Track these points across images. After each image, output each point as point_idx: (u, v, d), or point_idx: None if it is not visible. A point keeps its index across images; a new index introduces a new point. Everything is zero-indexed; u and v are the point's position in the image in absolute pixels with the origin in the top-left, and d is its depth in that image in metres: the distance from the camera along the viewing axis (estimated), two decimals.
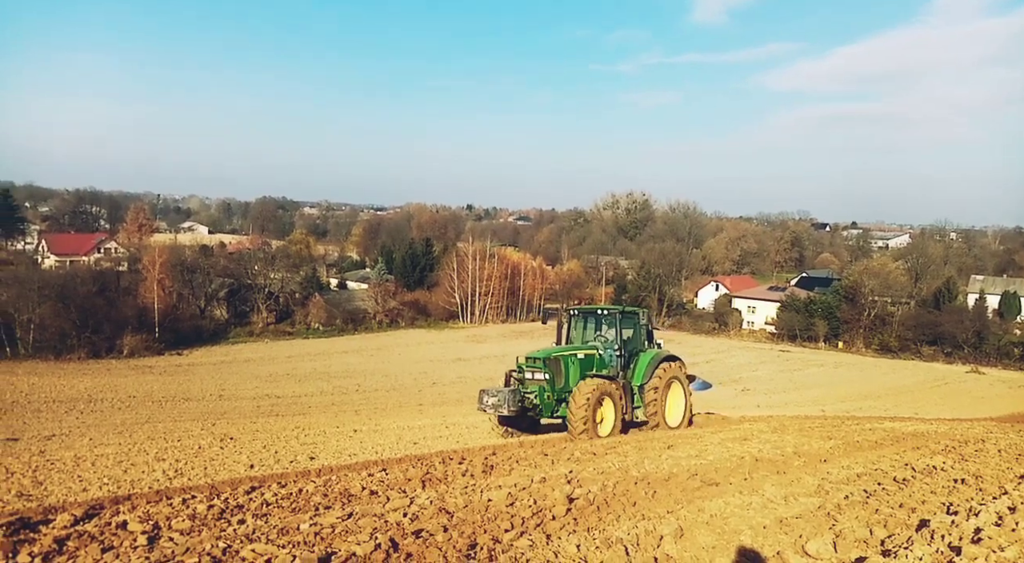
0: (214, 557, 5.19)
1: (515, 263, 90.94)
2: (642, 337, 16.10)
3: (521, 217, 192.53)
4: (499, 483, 7.88)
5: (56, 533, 5.98)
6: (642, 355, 15.43)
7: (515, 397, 13.85)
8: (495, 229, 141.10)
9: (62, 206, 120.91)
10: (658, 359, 15.43)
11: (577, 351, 14.75)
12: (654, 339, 16.41)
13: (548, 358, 14.24)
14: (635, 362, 15.32)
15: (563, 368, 14.29)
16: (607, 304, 26.41)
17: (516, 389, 14.05)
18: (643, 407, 15.01)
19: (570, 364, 14.41)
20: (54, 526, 6.34)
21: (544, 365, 14.14)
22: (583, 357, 14.64)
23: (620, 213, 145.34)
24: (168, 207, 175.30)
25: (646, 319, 16.36)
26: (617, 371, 14.99)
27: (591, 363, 14.74)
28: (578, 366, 14.47)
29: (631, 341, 15.74)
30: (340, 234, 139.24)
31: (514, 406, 13.78)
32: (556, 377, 14.16)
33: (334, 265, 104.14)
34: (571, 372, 14.31)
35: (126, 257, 78.93)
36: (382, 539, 5.48)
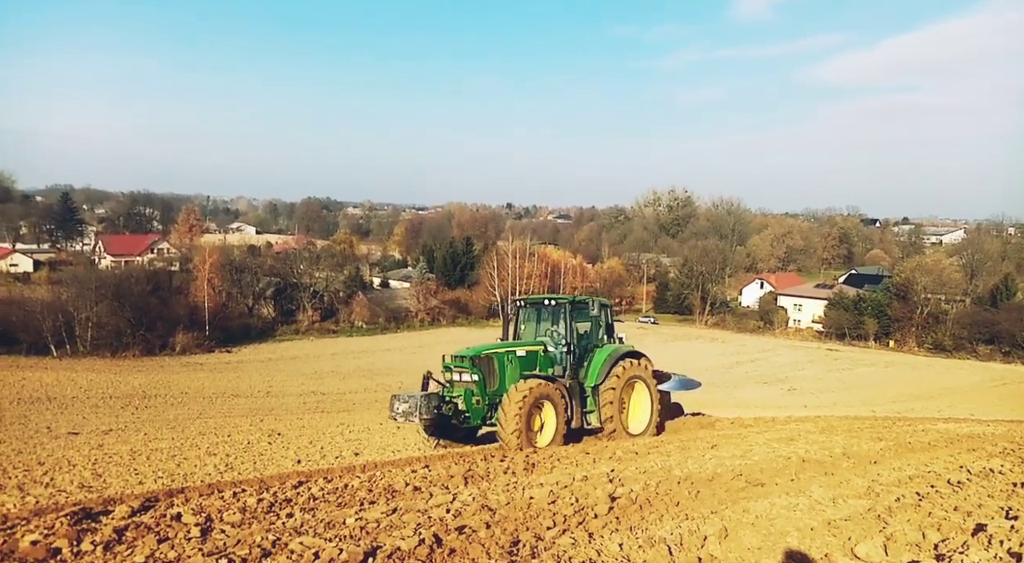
0: (264, 549, 5.32)
1: (555, 261, 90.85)
2: (599, 331, 14.23)
3: (561, 215, 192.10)
4: (541, 481, 7.90)
5: (115, 523, 6.22)
6: (597, 352, 13.52)
7: (429, 403, 11.81)
8: (535, 227, 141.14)
9: (118, 208, 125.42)
10: (615, 356, 13.41)
11: (517, 348, 12.97)
12: (615, 333, 14.47)
13: (477, 356, 12.43)
14: (589, 360, 13.42)
15: (497, 368, 12.48)
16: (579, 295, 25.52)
17: (431, 393, 12.12)
18: (597, 411, 13.03)
19: (506, 363, 12.58)
20: (113, 517, 6.60)
21: (472, 365, 12.33)
22: (524, 355, 12.85)
23: (662, 210, 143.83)
24: (217, 208, 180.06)
25: (598, 309, 14.12)
26: (565, 371, 13.16)
27: (533, 361, 12.95)
28: (517, 365, 12.64)
29: (586, 336, 13.96)
30: (382, 234, 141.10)
31: (428, 413, 11.77)
32: (488, 378, 12.37)
33: (377, 264, 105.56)
34: (507, 372, 12.50)
35: (178, 257, 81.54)
36: (426, 534, 5.55)
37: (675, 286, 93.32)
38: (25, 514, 7.17)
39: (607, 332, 14.33)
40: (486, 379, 12.33)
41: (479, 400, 12.22)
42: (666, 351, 65.60)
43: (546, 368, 13.02)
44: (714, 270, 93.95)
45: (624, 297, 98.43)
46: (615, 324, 14.86)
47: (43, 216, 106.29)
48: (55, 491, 10.47)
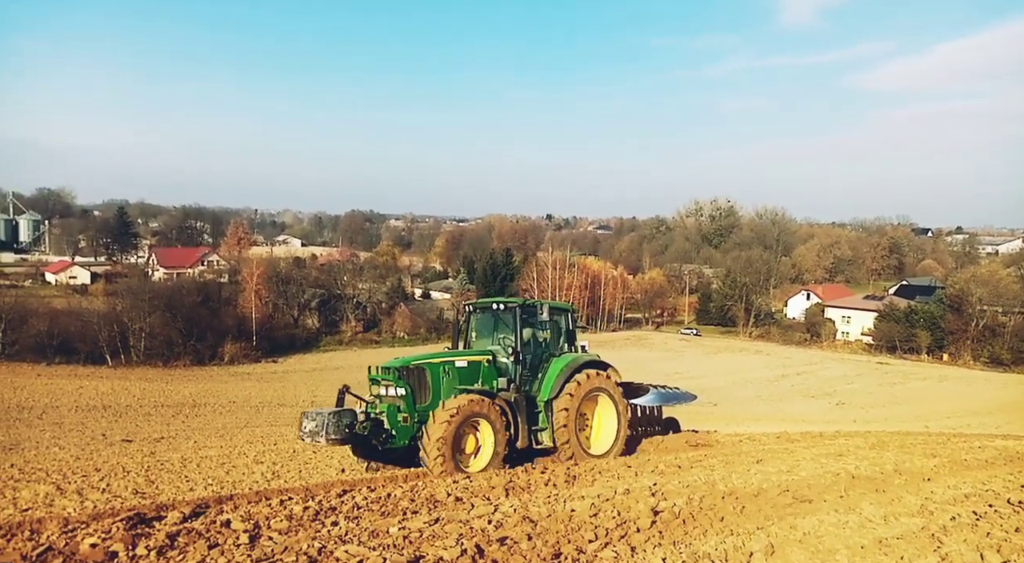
0: (310, 557, 5.42)
1: (595, 272, 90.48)
2: (559, 339, 12.88)
3: (601, 226, 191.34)
4: (582, 493, 7.87)
5: (168, 529, 6.42)
6: (554, 362, 12.09)
7: (339, 421, 10.26)
8: (575, 238, 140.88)
9: (170, 222, 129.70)
10: (573, 366, 11.94)
11: (457, 357, 11.64)
12: (575, 341, 13.05)
13: (405, 367, 11.08)
14: (543, 371, 12.00)
15: (430, 380, 11.10)
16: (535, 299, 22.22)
17: (344, 410, 10.62)
18: (550, 429, 11.58)
19: (441, 375, 11.19)
20: (166, 522, 6.81)
21: (398, 377, 10.92)
22: (465, 365, 11.50)
23: (704, 220, 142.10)
24: (264, 222, 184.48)
25: (555, 315, 12.68)
26: (512, 383, 11.72)
27: (476, 373, 11.57)
28: (455, 377, 11.28)
29: (542, 344, 12.54)
30: (424, 245, 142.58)
31: (336, 433, 10.20)
32: (418, 392, 10.99)
33: (418, 275, 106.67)
34: (443, 386, 11.11)
35: (227, 269, 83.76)
36: (468, 545, 5.59)
37: (718, 297, 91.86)
38: (84, 518, 7.45)
39: (568, 340, 12.87)
40: (416, 393, 10.93)
41: (407, 417, 10.73)
42: (709, 364, 64.64)
43: (491, 381, 11.59)
44: (758, 281, 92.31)
45: (666, 308, 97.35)
46: (577, 331, 13.31)
47: (100, 230, 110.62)
48: (111, 496, 10.86)
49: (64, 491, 11.34)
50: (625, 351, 71.85)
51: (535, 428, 11.58)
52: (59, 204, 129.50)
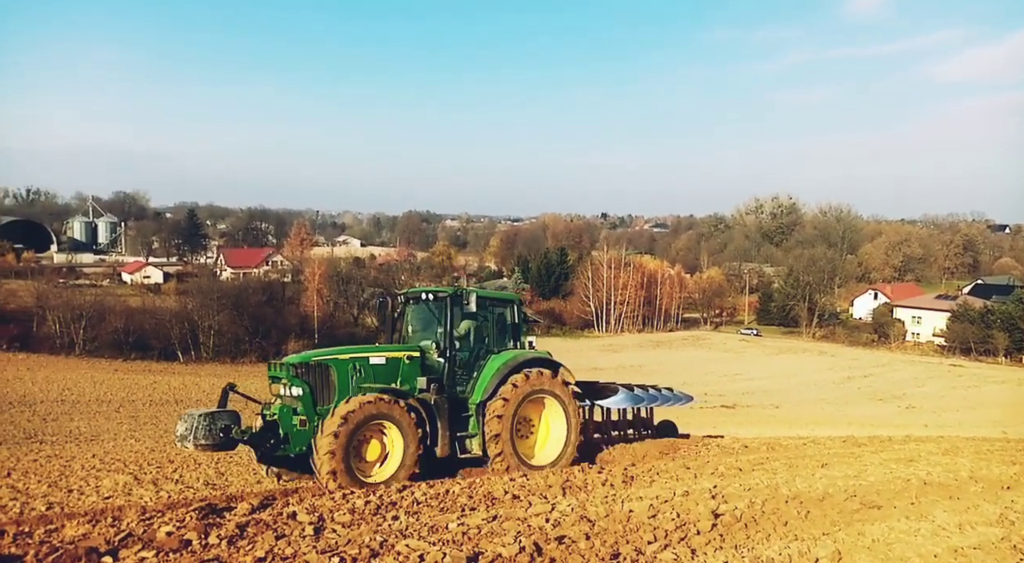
0: (373, 550, 5.55)
1: (651, 272, 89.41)
2: (503, 334, 11.50)
3: (657, 224, 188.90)
4: (640, 494, 7.81)
5: (238, 519, 6.68)
6: (491, 360, 10.84)
7: (212, 424, 9.05)
8: (630, 237, 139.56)
9: (237, 223, 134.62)
10: (512, 364, 10.63)
11: (371, 353, 10.42)
12: (522, 336, 11.66)
13: (305, 364, 9.90)
14: (478, 370, 10.80)
15: (336, 379, 9.87)
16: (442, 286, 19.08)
17: (220, 411, 9.38)
18: (480, 435, 10.37)
19: (349, 373, 9.96)
20: (235, 513, 7.09)
21: (294, 375, 9.70)
22: (382, 362, 10.24)
23: (764, 218, 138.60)
24: (325, 223, 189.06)
25: (486, 305, 11.28)
26: (433, 384, 10.33)
27: (394, 371, 10.30)
28: (368, 376, 10.06)
29: (483, 339, 11.24)
30: (479, 245, 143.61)
31: (208, 438, 9.00)
32: (320, 392, 9.74)
33: (473, 275, 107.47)
34: (352, 385, 9.90)
35: (290, 269, 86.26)
36: (526, 543, 5.62)
37: (779, 297, 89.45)
38: (160, 507, 7.82)
39: (513, 335, 11.52)
40: (316, 394, 9.69)
41: (304, 421, 9.44)
42: (771, 365, 63.04)
43: (411, 380, 10.29)
44: (822, 280, 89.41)
45: (724, 308, 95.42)
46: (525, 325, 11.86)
47: (172, 231, 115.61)
48: (184, 487, 11.37)
49: (141, 481, 11.94)
50: (682, 351, 70.77)
51: (462, 434, 10.31)
52: (134, 207, 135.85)
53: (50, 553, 5.53)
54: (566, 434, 11.07)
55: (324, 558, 5.28)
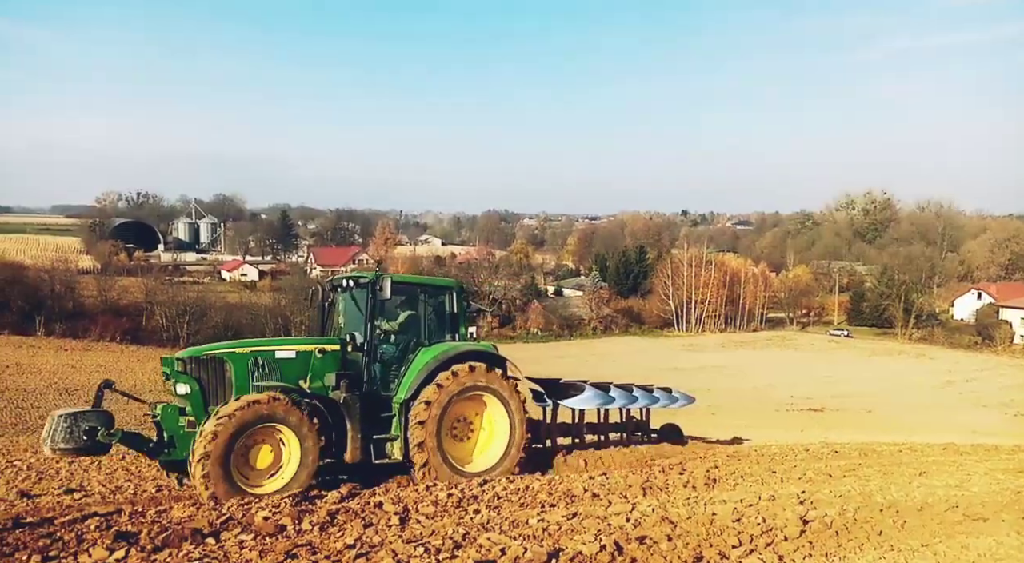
0: (455, 541, 5.69)
1: (734, 270, 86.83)
2: (442, 325, 10.32)
3: (741, 221, 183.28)
4: (723, 497, 7.65)
5: (328, 507, 6.99)
6: (421, 353, 9.73)
7: (73, 425, 8.05)
8: (712, 235, 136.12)
9: (326, 223, 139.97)
10: (443, 358, 9.52)
11: (278, 346, 9.40)
12: (460, 327, 10.43)
13: (195, 359, 8.82)
14: (406, 365, 9.74)
15: (232, 375, 8.80)
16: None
17: (87, 412, 8.31)
18: (402, 438, 9.24)
19: (247, 368, 8.88)
20: (326, 501, 7.42)
21: (180, 371, 8.68)
22: (290, 356, 9.18)
23: (856, 214, 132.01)
24: (408, 222, 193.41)
25: (431, 294, 10.25)
26: (344, 380, 9.16)
27: (305, 366, 9.21)
28: (273, 372, 8.99)
29: (420, 331, 10.07)
30: (556, 243, 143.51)
31: (68, 441, 8.02)
32: (212, 391, 8.72)
33: (551, 273, 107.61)
34: (253, 382, 8.82)
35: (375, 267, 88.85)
36: (606, 541, 5.62)
37: (872, 297, 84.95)
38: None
39: (451, 327, 10.35)
40: (207, 392, 8.68)
41: (192, 422, 8.45)
42: (863, 367, 60.06)
43: (321, 376, 9.21)
44: (919, 279, 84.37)
45: (812, 308, 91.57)
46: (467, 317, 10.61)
47: (266, 231, 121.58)
48: None
49: None
50: (767, 352, 68.45)
51: (380, 437, 9.18)
52: (232, 209, 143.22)
53: (160, 532, 5.95)
54: (508, 437, 9.85)
55: (410, 548, 5.45)
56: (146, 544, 5.60)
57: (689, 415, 30.20)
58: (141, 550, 5.43)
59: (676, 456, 11.92)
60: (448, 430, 9.61)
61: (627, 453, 11.57)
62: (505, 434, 9.86)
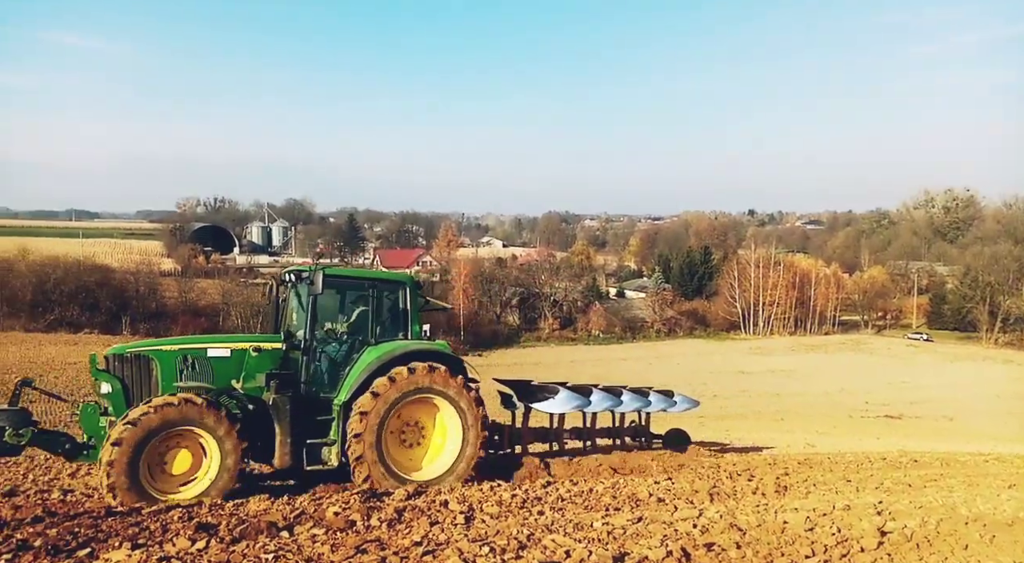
0: (520, 542, 5.72)
1: (804, 271, 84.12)
2: (395, 323, 9.65)
3: (811, 221, 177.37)
4: (795, 505, 7.41)
5: (396, 504, 7.14)
6: (367, 352, 9.14)
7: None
8: (781, 235, 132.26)
9: (391, 226, 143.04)
10: (387, 358, 8.95)
11: (211, 344, 8.88)
12: (412, 325, 9.65)
13: (119, 356, 8.45)
14: (351, 365, 9.16)
15: (157, 374, 8.44)
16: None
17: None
18: (339, 443, 8.75)
19: (175, 367, 8.51)
20: (394, 498, 7.58)
21: (101, 370, 8.39)
22: (224, 355, 8.72)
23: (936, 212, 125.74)
24: (470, 224, 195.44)
25: (379, 290, 9.55)
26: (273, 380, 8.68)
27: (238, 364, 8.76)
28: (206, 370, 8.61)
29: (369, 328, 9.36)
30: (618, 244, 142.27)
31: None
32: (138, 389, 8.37)
33: (613, 274, 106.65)
34: (182, 382, 8.47)
35: (438, 269, 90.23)
36: (673, 547, 5.54)
37: (954, 299, 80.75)
38: (329, 490, 8.53)
39: (403, 324, 9.64)
40: (131, 392, 8.34)
41: (112, 422, 7.99)
42: (944, 373, 57.16)
43: (255, 376, 8.74)
44: (1006, 280, 79.55)
45: (888, 311, 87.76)
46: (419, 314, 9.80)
47: (335, 234, 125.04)
48: None
49: None
50: (840, 356, 65.97)
51: (314, 442, 8.68)
52: (302, 212, 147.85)
53: (238, 524, 6.21)
54: (461, 443, 9.18)
55: (475, 547, 5.50)
56: (225, 535, 5.85)
57: (758, 419, 29.42)
58: (220, 541, 5.68)
59: (644, 463, 11.06)
60: (396, 436, 9.10)
61: (590, 460, 10.77)
62: (458, 439, 9.19)
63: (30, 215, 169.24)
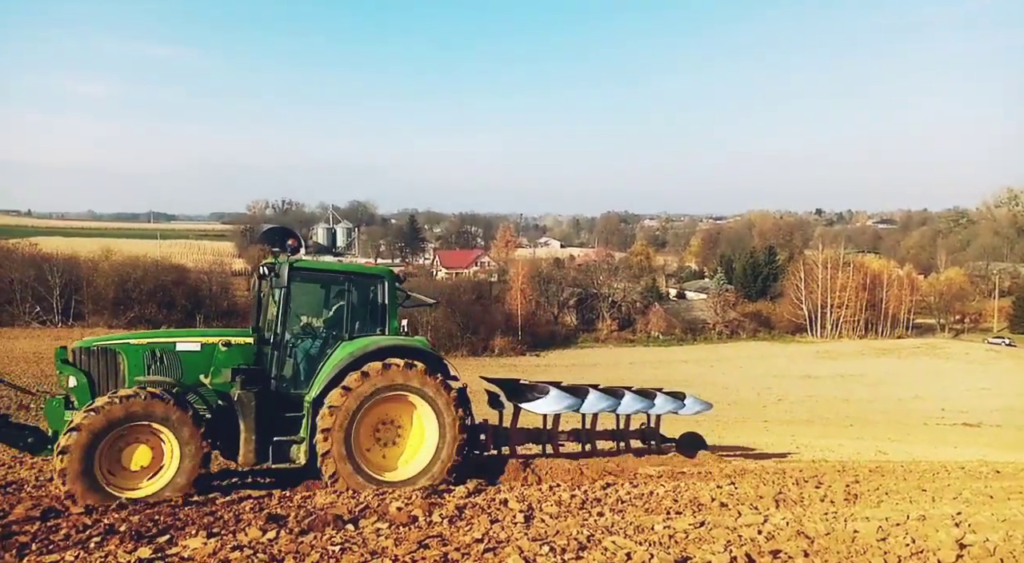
0: (580, 542, 5.72)
1: (875, 272, 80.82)
2: (372, 318, 9.31)
3: (883, 220, 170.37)
4: (866, 514, 7.17)
5: (456, 501, 7.24)
6: (340, 347, 8.86)
7: None
8: (850, 234, 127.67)
9: (450, 227, 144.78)
10: (359, 355, 8.58)
11: (181, 338, 8.80)
12: (390, 320, 9.29)
13: (85, 349, 8.34)
14: (324, 360, 8.84)
15: (123, 368, 8.33)
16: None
17: None
18: (307, 442, 8.42)
19: (143, 361, 8.38)
20: (454, 495, 7.70)
21: (65, 362, 8.26)
22: (194, 349, 8.61)
23: (1020, 210, 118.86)
24: (528, 225, 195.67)
25: (355, 283, 9.27)
26: (240, 375, 8.44)
27: (208, 359, 8.61)
28: (175, 365, 8.49)
29: (334, 322, 9.19)
30: (679, 244, 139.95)
31: None
32: (104, 383, 8.24)
33: (673, 275, 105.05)
34: (148, 375, 8.31)
35: (496, 270, 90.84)
36: (737, 552, 5.43)
37: None
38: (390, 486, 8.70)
39: (380, 320, 9.30)
40: (96, 385, 8.21)
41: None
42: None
43: (221, 371, 8.52)
44: None
45: (967, 314, 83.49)
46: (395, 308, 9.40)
47: (396, 235, 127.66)
48: None
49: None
50: (914, 361, 63.15)
51: (281, 439, 8.41)
52: (365, 213, 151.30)
53: (306, 516, 6.43)
54: (437, 443, 8.76)
55: (535, 546, 5.53)
56: (294, 527, 6.06)
57: (825, 425, 28.47)
58: (289, 532, 5.88)
59: (630, 467, 10.41)
60: (370, 434, 8.77)
61: (556, 462, 10.08)
62: (434, 440, 8.77)
63: (113, 218, 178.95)
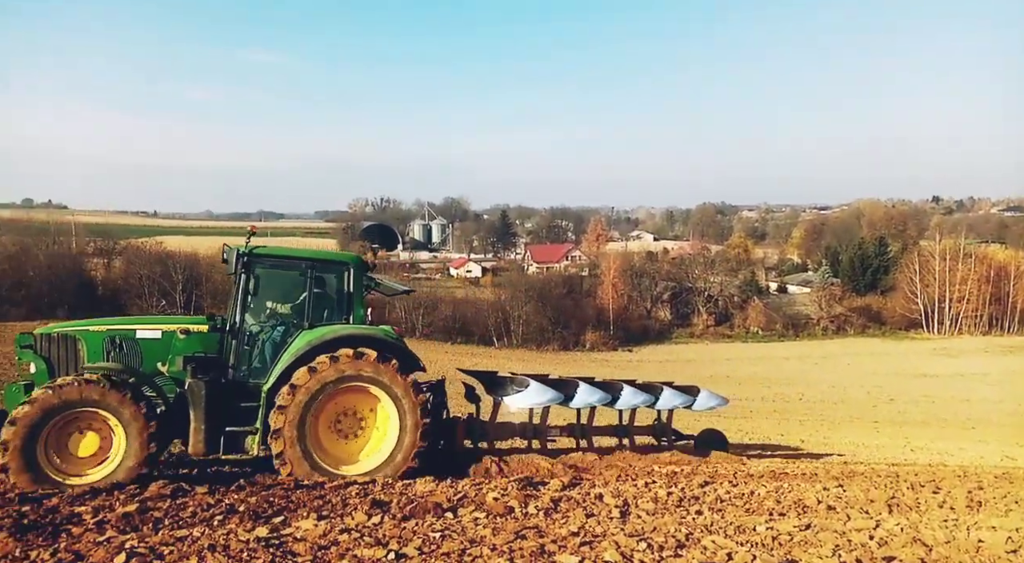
0: (678, 540, 5.64)
1: (1001, 263, 74.44)
2: (339, 307, 9.20)
3: (1010, 207, 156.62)
4: (992, 523, 6.67)
5: (552, 494, 7.31)
6: (300, 337, 8.71)
7: None
8: (971, 223, 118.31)
9: (541, 222, 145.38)
10: (317, 344, 8.46)
11: (140, 325, 8.78)
12: (356, 309, 9.20)
13: (46, 336, 8.48)
14: (285, 350, 8.69)
15: (83, 355, 8.44)
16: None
17: None
18: (261, 433, 8.36)
19: (103, 348, 8.47)
20: (549, 488, 7.76)
21: (31, 350, 8.43)
22: (154, 336, 8.63)
23: None
24: (620, 218, 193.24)
25: (318, 271, 9.12)
26: (192, 364, 8.40)
27: (167, 347, 8.60)
28: (136, 352, 8.54)
29: (298, 311, 9.00)
30: (779, 236, 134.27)
31: None
32: (63, 370, 8.37)
33: (773, 268, 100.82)
34: (108, 363, 8.39)
35: (587, 264, 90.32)
36: (847, 558, 5.21)
37: None
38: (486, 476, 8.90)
39: (346, 308, 9.20)
40: (55, 372, 8.34)
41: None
42: None
43: (177, 359, 8.52)
44: None
45: None
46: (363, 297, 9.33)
47: (488, 231, 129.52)
48: None
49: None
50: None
51: (234, 429, 8.30)
52: (459, 210, 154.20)
53: (408, 503, 6.67)
54: (397, 437, 8.56)
55: (632, 541, 5.51)
56: (396, 513, 6.31)
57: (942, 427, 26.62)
58: (392, 517, 6.14)
59: (615, 464, 9.94)
60: (330, 427, 8.64)
61: (533, 460, 9.73)
62: (396, 429, 8.59)
63: (228, 217, 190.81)
